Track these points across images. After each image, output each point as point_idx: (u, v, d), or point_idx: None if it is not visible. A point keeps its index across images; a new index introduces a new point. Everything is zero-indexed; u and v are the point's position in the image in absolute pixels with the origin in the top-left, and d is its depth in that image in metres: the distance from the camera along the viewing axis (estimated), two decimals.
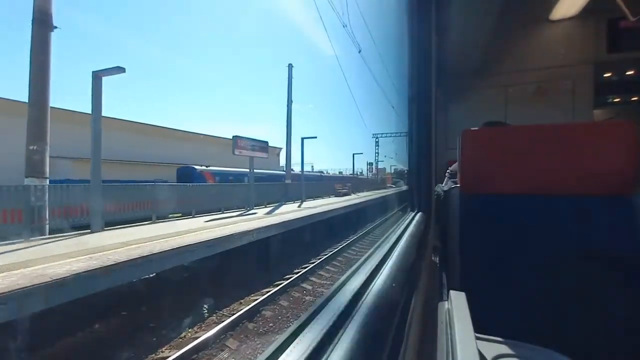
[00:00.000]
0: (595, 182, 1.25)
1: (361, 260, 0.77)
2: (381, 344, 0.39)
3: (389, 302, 0.49)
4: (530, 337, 0.72)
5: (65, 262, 3.87)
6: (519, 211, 1.33)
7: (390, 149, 31.28)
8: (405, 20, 1.74)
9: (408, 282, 0.64)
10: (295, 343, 0.35)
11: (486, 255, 1.34)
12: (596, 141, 1.27)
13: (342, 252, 8.54)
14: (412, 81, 1.81)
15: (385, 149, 31.39)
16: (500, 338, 0.73)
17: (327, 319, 0.39)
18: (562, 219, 1.27)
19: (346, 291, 0.50)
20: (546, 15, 3.02)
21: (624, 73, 3.48)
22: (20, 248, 4.95)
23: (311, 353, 0.32)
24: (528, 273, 1.26)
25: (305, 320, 0.41)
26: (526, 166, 1.36)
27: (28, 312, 3.06)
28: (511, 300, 1.26)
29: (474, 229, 1.38)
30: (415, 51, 1.75)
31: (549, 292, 1.21)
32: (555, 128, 1.35)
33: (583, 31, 3.06)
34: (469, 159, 1.45)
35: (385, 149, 31.39)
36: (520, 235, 1.31)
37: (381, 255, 0.74)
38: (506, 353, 0.68)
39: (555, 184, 1.30)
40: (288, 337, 0.37)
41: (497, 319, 0.83)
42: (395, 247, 0.83)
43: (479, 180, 1.42)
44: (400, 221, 1.44)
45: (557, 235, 1.26)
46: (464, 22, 2.87)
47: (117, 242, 5.18)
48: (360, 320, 0.39)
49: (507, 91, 3.45)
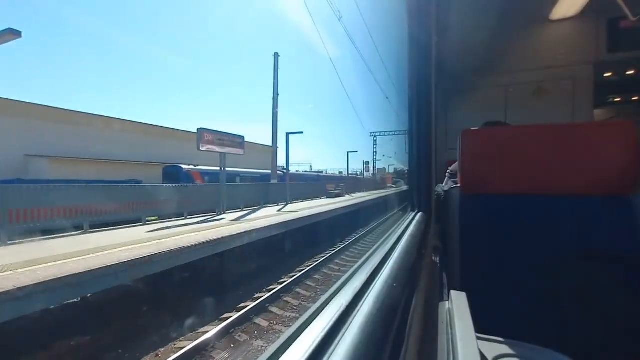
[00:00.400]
0: (596, 182, 1.25)
1: (362, 260, 0.77)
2: (382, 343, 0.39)
3: (390, 302, 0.49)
4: (530, 337, 0.72)
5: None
6: (519, 211, 1.33)
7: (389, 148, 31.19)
8: (406, 20, 1.74)
9: (409, 282, 0.64)
10: (296, 343, 0.35)
11: (486, 255, 1.34)
12: (596, 141, 1.27)
13: (301, 283, 6.34)
14: (412, 81, 1.81)
15: (383, 148, 31.28)
16: (501, 338, 0.73)
17: (328, 318, 0.39)
18: (563, 219, 1.27)
19: (348, 290, 0.50)
20: (546, 15, 3.02)
21: (624, 73, 3.48)
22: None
23: (312, 353, 0.32)
24: (528, 273, 1.26)
25: (307, 319, 0.41)
26: (526, 166, 1.36)
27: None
28: (512, 300, 1.26)
29: (474, 229, 1.38)
30: (415, 51, 1.75)
31: (550, 292, 1.21)
32: (555, 128, 1.35)
33: (583, 31, 3.06)
34: (469, 159, 1.45)
35: (383, 148, 31.28)
36: (521, 235, 1.31)
37: (382, 255, 0.74)
38: (507, 353, 0.68)
39: (555, 184, 1.30)
40: (290, 337, 0.37)
41: (498, 319, 0.83)
42: (396, 246, 0.83)
43: (479, 181, 1.42)
44: (400, 221, 1.44)
45: (558, 235, 1.26)
46: (464, 21, 2.87)
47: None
48: (361, 320, 0.39)
49: (507, 91, 3.45)
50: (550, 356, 0.70)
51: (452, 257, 1.40)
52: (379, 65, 14.80)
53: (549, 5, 2.90)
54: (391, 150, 31.24)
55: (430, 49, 1.80)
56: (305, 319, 0.41)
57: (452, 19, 2.75)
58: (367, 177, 34.11)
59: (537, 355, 0.69)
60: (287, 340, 0.36)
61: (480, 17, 2.83)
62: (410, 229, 1.08)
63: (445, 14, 2.64)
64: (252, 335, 4.46)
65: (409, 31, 1.73)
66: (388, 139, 29.84)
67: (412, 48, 1.75)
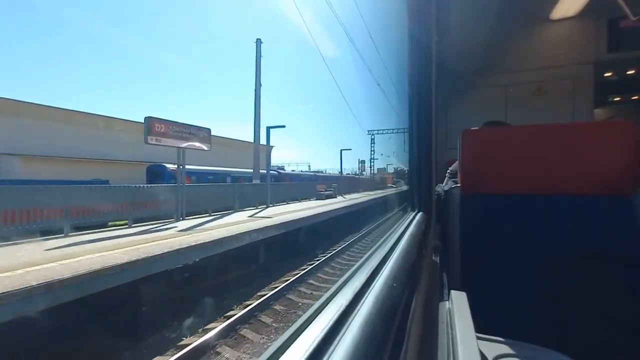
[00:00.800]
0: (596, 182, 1.25)
1: (362, 259, 0.77)
2: (382, 343, 0.39)
3: (390, 301, 0.49)
4: (531, 336, 0.72)
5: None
6: (520, 211, 1.33)
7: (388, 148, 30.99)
8: (406, 20, 1.74)
9: (409, 282, 0.64)
10: (296, 343, 0.35)
11: (487, 255, 1.34)
12: (596, 141, 1.27)
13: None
14: (412, 81, 1.81)
15: (382, 147, 31.00)
16: (501, 338, 0.73)
17: (328, 318, 0.39)
18: (563, 219, 1.27)
19: (347, 290, 0.50)
20: (546, 14, 3.02)
21: (625, 72, 3.48)
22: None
23: (312, 353, 0.32)
24: (528, 273, 1.26)
25: (307, 319, 0.41)
26: (527, 166, 1.36)
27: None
28: (512, 300, 1.26)
29: (474, 229, 1.38)
30: (416, 51, 1.75)
31: (550, 292, 1.21)
32: (555, 128, 1.35)
33: (583, 31, 3.06)
34: (469, 159, 1.45)
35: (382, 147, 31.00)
36: (521, 235, 1.31)
37: (382, 255, 0.74)
38: (507, 353, 0.68)
39: (555, 184, 1.30)
40: (289, 337, 0.37)
41: (498, 319, 0.83)
42: (396, 246, 0.83)
43: (479, 180, 1.42)
44: (400, 221, 1.44)
45: (558, 235, 1.26)
46: (465, 21, 2.87)
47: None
48: (361, 319, 0.39)
49: (507, 91, 3.45)
50: (551, 356, 0.70)
51: (452, 257, 1.40)
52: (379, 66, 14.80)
53: (549, 5, 2.90)
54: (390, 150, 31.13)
55: (430, 49, 1.80)
56: (305, 319, 0.41)
57: (452, 18, 2.75)
58: (363, 177, 33.85)
59: (537, 355, 0.69)
60: (287, 340, 0.36)
61: (481, 17, 2.83)
62: (410, 229, 1.08)
63: (445, 14, 2.64)
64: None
65: (409, 31, 1.73)
66: (386, 137, 29.35)
67: (413, 48, 1.75)
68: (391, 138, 27.87)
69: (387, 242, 0.93)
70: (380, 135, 29.31)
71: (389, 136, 28.60)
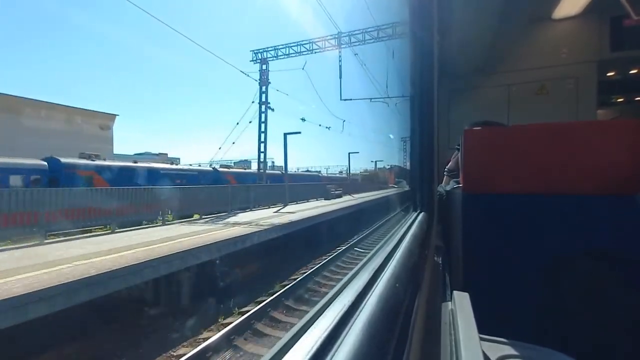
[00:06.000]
0: (599, 181, 1.24)
1: (364, 260, 0.77)
2: (385, 344, 0.39)
3: (393, 302, 0.48)
4: (534, 337, 0.71)
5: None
6: (522, 211, 1.32)
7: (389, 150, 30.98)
8: (408, 20, 1.74)
9: (411, 282, 0.64)
10: (299, 343, 0.35)
11: (489, 256, 1.33)
12: (599, 140, 1.27)
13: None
14: (414, 80, 1.81)
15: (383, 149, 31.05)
16: (504, 339, 0.72)
17: (331, 318, 0.39)
18: (566, 219, 1.26)
19: (350, 291, 0.50)
20: (549, 14, 3.01)
21: (628, 72, 3.46)
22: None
23: (315, 353, 0.32)
24: (531, 273, 1.25)
25: (309, 320, 0.41)
26: (529, 166, 1.35)
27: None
28: (515, 301, 1.25)
29: (476, 229, 1.37)
30: (418, 51, 1.75)
31: (553, 292, 1.20)
32: (558, 127, 1.35)
33: (586, 30, 3.05)
34: (471, 159, 1.44)
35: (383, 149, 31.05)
36: (524, 235, 1.30)
37: (384, 255, 0.74)
38: (510, 354, 0.67)
39: (558, 184, 1.30)
40: (292, 337, 0.36)
41: (501, 319, 0.83)
42: (399, 247, 0.83)
43: (481, 181, 1.42)
44: (403, 221, 1.44)
45: (561, 235, 1.25)
46: (466, 20, 2.86)
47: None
48: (364, 320, 0.39)
49: (510, 90, 3.44)
50: (554, 357, 0.69)
51: (455, 257, 1.40)
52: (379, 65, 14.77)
53: (551, 4, 2.89)
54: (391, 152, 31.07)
55: (432, 49, 1.80)
56: (308, 319, 0.41)
57: (454, 18, 2.74)
58: (367, 178, 34.03)
59: (540, 356, 0.68)
60: (290, 340, 0.36)
61: (483, 17, 2.82)
62: (412, 229, 1.08)
63: (447, 13, 2.63)
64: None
65: (411, 31, 1.73)
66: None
67: (414, 47, 1.75)
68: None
69: (390, 242, 0.93)
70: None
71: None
